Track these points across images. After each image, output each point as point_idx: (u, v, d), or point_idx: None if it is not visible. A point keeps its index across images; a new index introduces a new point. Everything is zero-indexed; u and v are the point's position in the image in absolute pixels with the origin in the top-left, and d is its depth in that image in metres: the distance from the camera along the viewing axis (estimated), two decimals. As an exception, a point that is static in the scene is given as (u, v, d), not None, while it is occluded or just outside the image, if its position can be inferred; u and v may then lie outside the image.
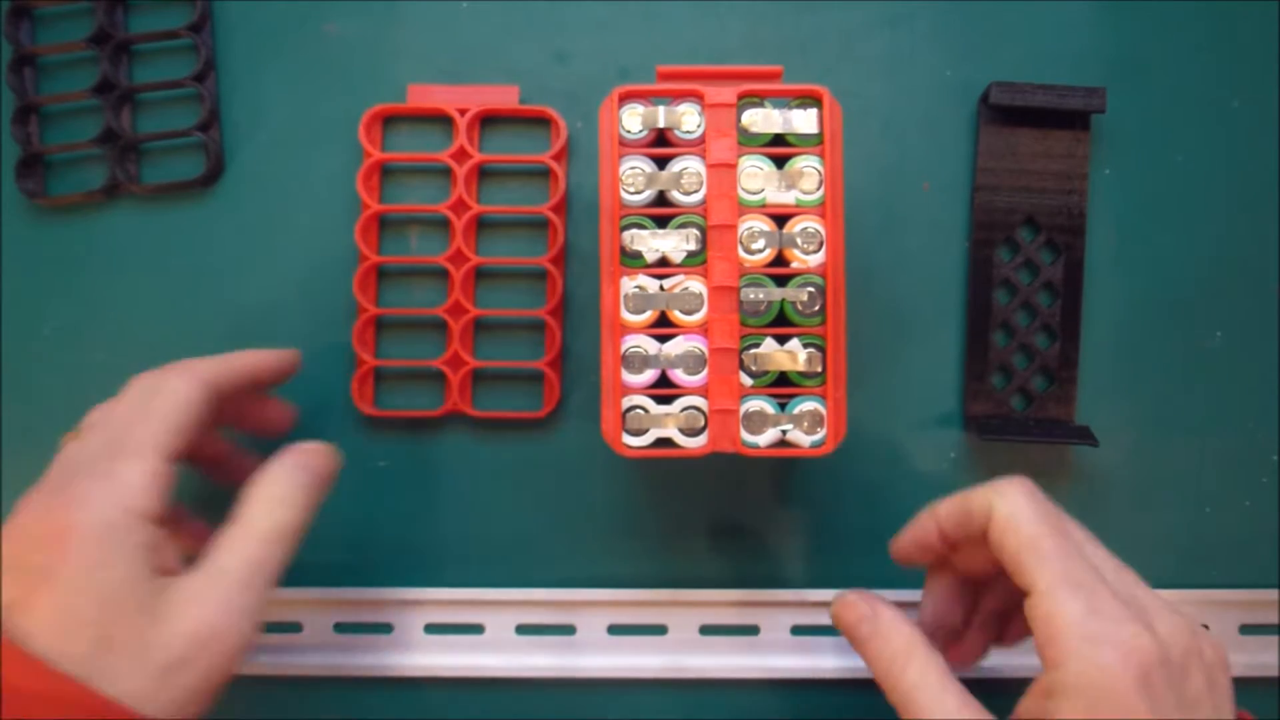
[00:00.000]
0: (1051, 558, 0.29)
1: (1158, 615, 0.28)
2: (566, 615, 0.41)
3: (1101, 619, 0.27)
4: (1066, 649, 0.27)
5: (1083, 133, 0.40)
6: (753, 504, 0.41)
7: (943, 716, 0.29)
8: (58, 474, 0.31)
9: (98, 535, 0.29)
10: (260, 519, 0.32)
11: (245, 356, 0.35)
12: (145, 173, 0.42)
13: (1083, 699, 0.27)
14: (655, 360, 0.32)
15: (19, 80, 0.41)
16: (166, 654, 0.28)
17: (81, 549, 0.28)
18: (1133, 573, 0.30)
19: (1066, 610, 0.28)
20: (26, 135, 0.41)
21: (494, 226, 0.41)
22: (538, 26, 0.41)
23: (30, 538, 0.29)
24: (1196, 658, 0.29)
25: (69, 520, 0.29)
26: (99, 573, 0.28)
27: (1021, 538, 0.29)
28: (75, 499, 0.29)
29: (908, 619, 0.32)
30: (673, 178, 0.32)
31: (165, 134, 0.41)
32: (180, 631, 0.29)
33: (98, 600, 0.28)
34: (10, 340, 0.42)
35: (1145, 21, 0.41)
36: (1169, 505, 0.41)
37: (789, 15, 0.41)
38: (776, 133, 0.32)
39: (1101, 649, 0.27)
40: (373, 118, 0.40)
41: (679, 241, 0.32)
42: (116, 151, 0.41)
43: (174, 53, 0.42)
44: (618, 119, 0.32)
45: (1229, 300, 0.41)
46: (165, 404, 0.32)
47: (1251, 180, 0.41)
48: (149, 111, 0.42)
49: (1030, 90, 0.39)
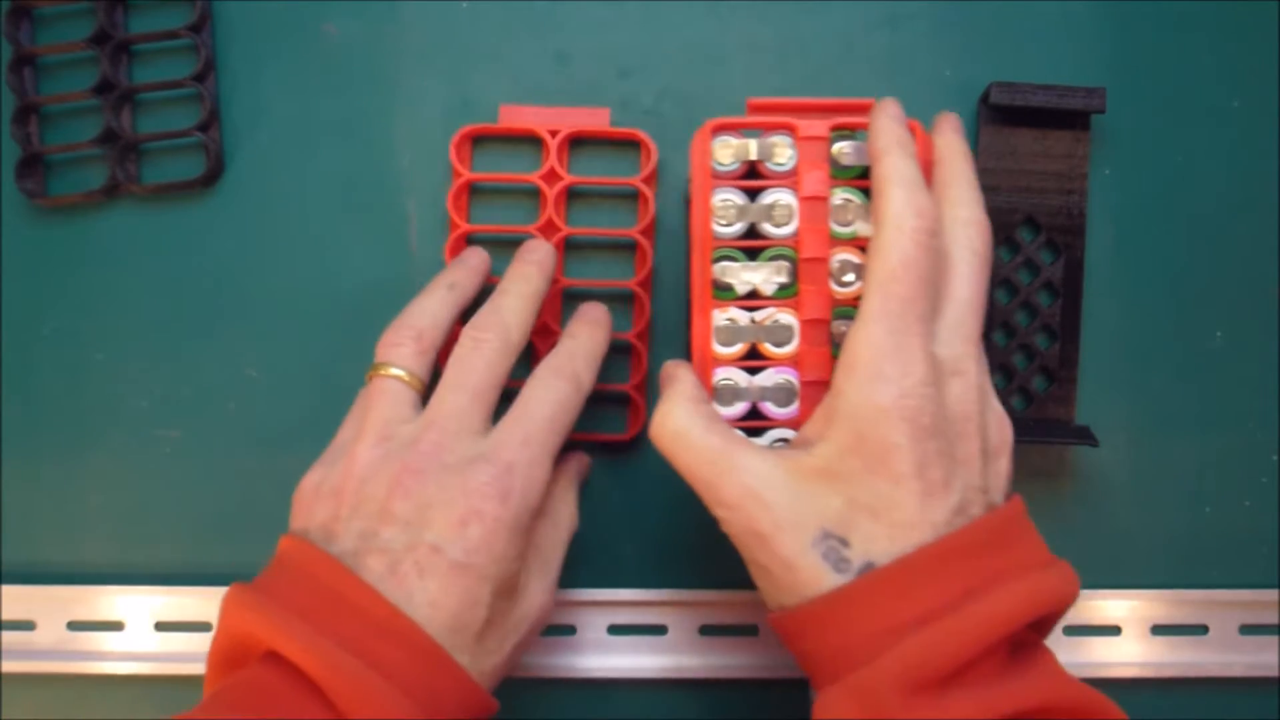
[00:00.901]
0: (891, 298, 0.28)
1: (954, 381, 0.29)
2: (567, 615, 0.41)
3: (895, 365, 0.28)
4: (851, 379, 0.28)
5: (1082, 133, 0.40)
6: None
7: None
8: (438, 430, 0.31)
9: (509, 530, 0.30)
10: (565, 520, 0.35)
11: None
12: (145, 173, 0.42)
13: (851, 428, 0.28)
14: (746, 393, 0.32)
15: (19, 80, 0.41)
16: (517, 634, 0.32)
17: (493, 541, 0.30)
18: (971, 332, 0.30)
19: (870, 348, 0.28)
20: (26, 135, 0.41)
21: (579, 249, 0.41)
22: (538, 26, 0.41)
23: (439, 512, 0.30)
24: (975, 428, 0.29)
25: (484, 508, 0.30)
26: (503, 565, 0.30)
27: (884, 265, 0.29)
28: (488, 490, 0.30)
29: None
30: (764, 210, 0.32)
31: (165, 134, 0.41)
32: (526, 614, 0.32)
33: (494, 590, 0.30)
34: (10, 340, 0.42)
35: (1145, 21, 0.41)
36: (1169, 505, 0.41)
37: (789, 15, 0.41)
38: (867, 165, 0.32)
39: (880, 388, 0.28)
40: (463, 138, 0.40)
41: (770, 274, 0.32)
42: (116, 151, 0.41)
43: (174, 53, 0.42)
44: (710, 151, 0.32)
45: (1229, 300, 0.41)
46: (555, 405, 0.32)
47: (1251, 180, 0.41)
48: (149, 111, 0.42)
49: (1030, 90, 0.39)
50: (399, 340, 0.33)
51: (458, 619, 0.29)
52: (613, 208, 0.41)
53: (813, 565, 0.28)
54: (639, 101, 0.41)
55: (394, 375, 0.33)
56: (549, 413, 0.32)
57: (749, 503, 0.29)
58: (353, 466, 0.31)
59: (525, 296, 0.34)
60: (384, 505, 0.30)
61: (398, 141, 0.41)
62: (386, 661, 0.28)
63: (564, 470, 0.36)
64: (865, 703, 0.26)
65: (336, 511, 0.30)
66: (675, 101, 0.41)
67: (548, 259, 0.36)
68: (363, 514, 0.30)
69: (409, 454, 0.30)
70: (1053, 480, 0.41)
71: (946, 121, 0.33)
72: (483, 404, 0.32)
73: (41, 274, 0.42)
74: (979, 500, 0.29)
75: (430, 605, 0.29)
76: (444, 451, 0.31)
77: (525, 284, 0.35)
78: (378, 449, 0.31)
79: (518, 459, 0.31)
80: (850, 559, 0.28)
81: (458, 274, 0.36)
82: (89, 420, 0.41)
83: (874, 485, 0.28)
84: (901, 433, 0.27)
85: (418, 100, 0.41)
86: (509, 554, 0.30)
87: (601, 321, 0.36)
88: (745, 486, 0.29)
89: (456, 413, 0.31)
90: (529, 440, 0.31)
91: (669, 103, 0.41)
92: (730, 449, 0.29)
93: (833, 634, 0.28)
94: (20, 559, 0.42)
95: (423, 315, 0.34)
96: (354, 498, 0.30)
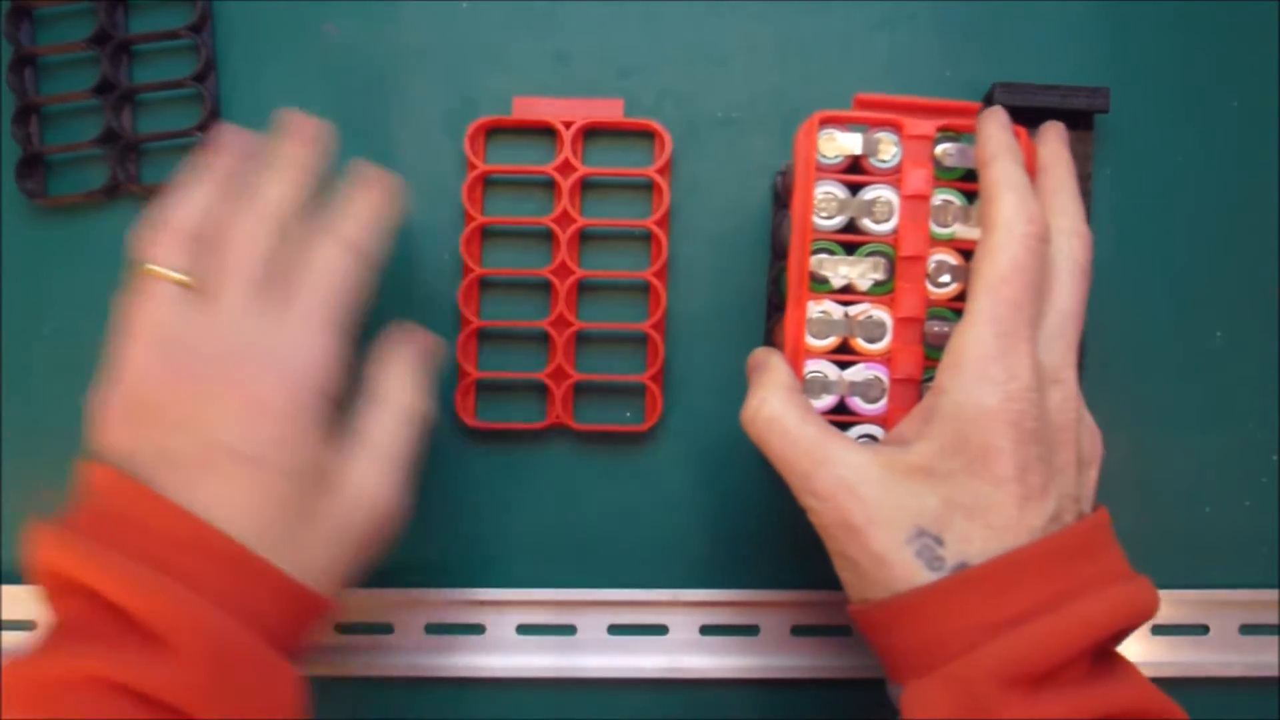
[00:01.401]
0: (1001, 302, 0.29)
1: (1054, 389, 0.29)
2: (566, 615, 0.41)
3: (1002, 368, 0.28)
4: (957, 380, 0.28)
5: (1086, 133, 0.40)
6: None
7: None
8: (210, 324, 0.30)
9: (296, 416, 0.29)
10: (397, 399, 0.33)
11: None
12: (145, 172, 0.42)
13: (953, 427, 0.28)
14: (835, 386, 0.32)
15: (19, 80, 0.41)
16: (344, 531, 0.30)
17: (277, 428, 0.29)
18: (1071, 342, 0.30)
19: (978, 348, 0.28)
20: (27, 135, 0.41)
21: (594, 239, 0.41)
22: (538, 26, 0.41)
23: (215, 407, 0.29)
24: (1072, 436, 0.30)
25: (262, 395, 0.29)
26: (295, 453, 0.29)
27: (993, 270, 0.29)
28: (265, 375, 0.29)
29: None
30: (864, 205, 0.32)
31: (166, 134, 0.41)
32: (352, 507, 0.31)
33: (292, 478, 0.29)
34: (10, 340, 0.42)
35: (1145, 21, 0.41)
36: (1169, 505, 0.41)
37: (789, 15, 0.41)
38: (970, 168, 0.32)
39: (986, 389, 0.28)
40: (477, 130, 0.40)
41: (867, 269, 0.32)
42: (117, 152, 0.41)
43: (174, 53, 0.42)
44: (815, 143, 0.32)
45: (1229, 300, 0.41)
46: (333, 274, 0.31)
47: (1251, 180, 0.41)
48: (149, 111, 0.42)
49: (1034, 90, 0.39)
50: (163, 237, 0.31)
51: (261, 517, 0.28)
52: (627, 199, 0.41)
53: (905, 561, 0.28)
54: (639, 101, 0.41)
55: (159, 273, 0.31)
56: (331, 284, 0.31)
57: (843, 495, 0.29)
58: (129, 379, 0.30)
59: (290, 172, 0.33)
60: (168, 413, 0.29)
61: (398, 141, 0.41)
62: (194, 574, 0.27)
63: (394, 350, 0.34)
64: (959, 694, 0.27)
65: (128, 429, 0.30)
66: (675, 101, 0.41)
67: (321, 132, 0.34)
68: (150, 426, 0.29)
69: (182, 353, 0.30)
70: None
71: (1052, 130, 0.33)
72: (256, 290, 0.30)
73: (41, 274, 0.42)
74: (1072, 508, 0.29)
75: (230, 507, 0.28)
76: (219, 343, 0.30)
77: (292, 159, 0.33)
78: (150, 354, 0.30)
79: (299, 338, 0.30)
80: (944, 557, 0.28)
81: (223, 161, 0.33)
82: (89, 420, 0.41)
83: (973, 486, 0.28)
84: (1005, 436, 0.28)
85: (418, 100, 0.41)
86: (302, 441, 0.29)
87: (377, 181, 0.34)
88: (840, 478, 0.29)
89: (233, 302, 0.30)
90: (306, 315, 0.30)
91: (669, 102, 0.41)
92: (826, 440, 0.30)
93: (926, 627, 0.28)
94: (20, 559, 0.42)
95: (190, 208, 0.32)
96: (139, 410, 0.30)
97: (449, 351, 0.39)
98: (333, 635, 0.41)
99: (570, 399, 0.41)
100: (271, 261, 0.31)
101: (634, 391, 0.41)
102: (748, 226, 0.41)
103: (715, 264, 0.41)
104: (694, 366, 0.41)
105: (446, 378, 0.40)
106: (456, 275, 0.41)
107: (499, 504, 0.41)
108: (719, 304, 0.41)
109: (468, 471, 0.41)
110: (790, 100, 0.41)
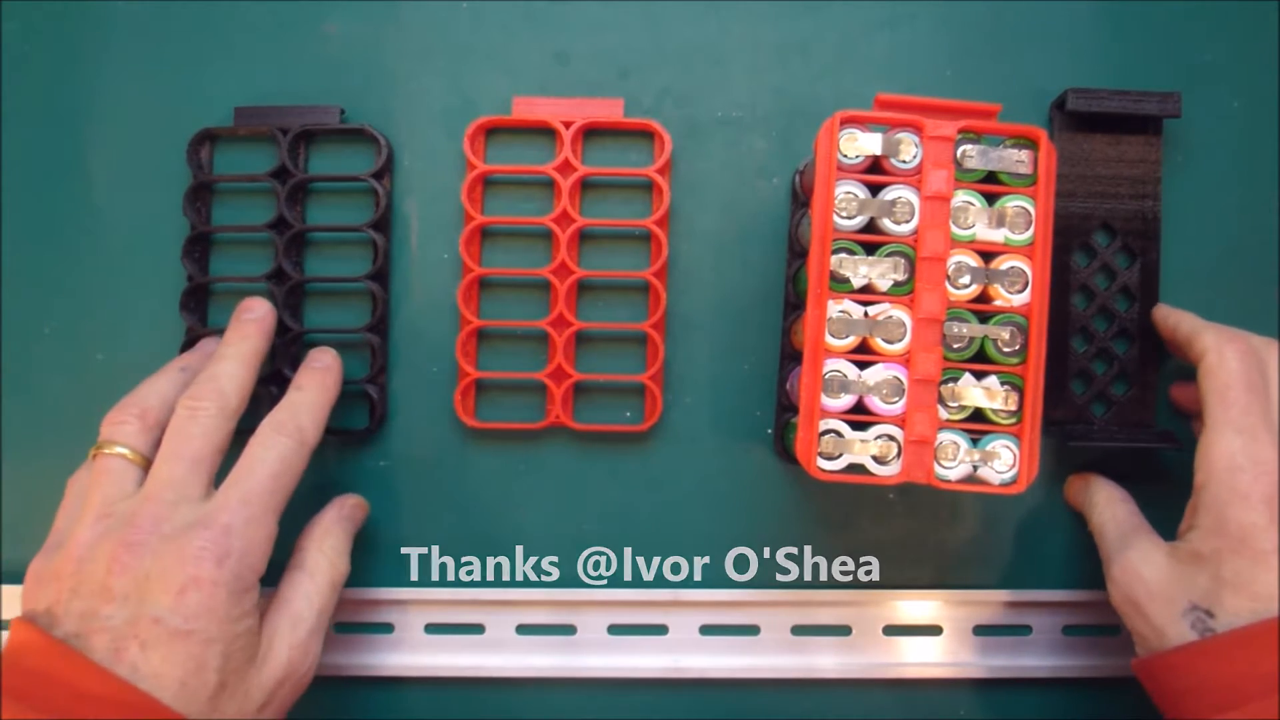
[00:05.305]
0: (1231, 405, 0.33)
1: None
2: (566, 615, 0.41)
3: (1248, 456, 0.32)
4: (1212, 474, 0.33)
5: (1154, 137, 0.40)
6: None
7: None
8: (155, 503, 0.32)
9: (228, 591, 0.31)
10: (324, 571, 0.35)
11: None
12: (309, 316, 0.41)
13: (1214, 513, 0.33)
14: (854, 385, 0.32)
15: (196, 210, 0.40)
16: (262, 694, 0.32)
17: (214, 604, 0.30)
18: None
19: (1223, 445, 0.33)
20: (196, 264, 0.40)
21: (594, 239, 0.41)
22: (538, 26, 0.41)
23: (154, 584, 0.30)
24: None
25: (200, 574, 0.30)
26: (228, 627, 0.31)
27: (1215, 383, 0.34)
28: (203, 554, 0.31)
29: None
30: (885, 205, 0.32)
31: (334, 278, 0.41)
32: (272, 673, 0.32)
33: (224, 653, 0.30)
34: (10, 340, 0.42)
35: (1146, 20, 0.41)
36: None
37: (789, 15, 0.41)
38: (990, 170, 0.32)
39: (1239, 475, 0.32)
40: (477, 130, 0.40)
41: (887, 269, 0.32)
42: (284, 291, 0.39)
43: (349, 194, 0.41)
44: (836, 143, 0.32)
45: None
46: (276, 462, 0.33)
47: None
48: (318, 251, 0.41)
49: (1105, 96, 0.39)
50: (123, 418, 0.34)
51: (185, 686, 0.29)
52: (626, 199, 0.41)
53: (1181, 634, 0.33)
54: (639, 101, 0.41)
55: (116, 453, 0.33)
56: (270, 470, 0.33)
57: (1130, 576, 0.35)
58: (72, 549, 0.31)
59: (243, 358, 0.35)
60: (103, 583, 0.30)
61: (398, 141, 0.41)
62: None
63: (322, 520, 0.37)
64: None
65: (58, 595, 0.31)
66: (675, 101, 0.41)
67: (267, 316, 0.37)
68: (83, 594, 0.30)
69: (126, 529, 0.31)
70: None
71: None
72: (201, 471, 0.33)
73: (41, 274, 0.42)
74: None
75: (155, 676, 0.29)
76: (161, 522, 0.31)
77: (243, 344, 0.36)
78: (96, 528, 0.32)
79: (234, 520, 0.31)
80: (1215, 629, 0.32)
81: (192, 358, 0.37)
82: (89, 420, 0.41)
83: (1235, 564, 0.32)
84: (1260, 513, 0.32)
85: (418, 100, 0.41)
86: (233, 615, 0.31)
87: (330, 367, 0.37)
88: (1131, 562, 0.35)
89: (173, 482, 0.32)
90: (248, 499, 0.32)
91: (669, 102, 0.41)
92: (1134, 531, 0.36)
93: (1223, 669, 0.31)
94: (20, 559, 0.41)
95: (150, 394, 0.35)
96: (73, 579, 0.31)
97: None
98: (333, 635, 0.41)
99: (570, 399, 0.41)
100: (218, 447, 0.33)
101: (634, 391, 0.41)
102: (748, 226, 0.41)
103: (715, 264, 0.41)
104: (694, 366, 0.41)
105: (447, 378, 0.40)
106: (456, 275, 0.41)
107: (499, 504, 0.41)
108: (719, 304, 0.41)
109: (468, 471, 0.41)
110: (790, 100, 0.41)
